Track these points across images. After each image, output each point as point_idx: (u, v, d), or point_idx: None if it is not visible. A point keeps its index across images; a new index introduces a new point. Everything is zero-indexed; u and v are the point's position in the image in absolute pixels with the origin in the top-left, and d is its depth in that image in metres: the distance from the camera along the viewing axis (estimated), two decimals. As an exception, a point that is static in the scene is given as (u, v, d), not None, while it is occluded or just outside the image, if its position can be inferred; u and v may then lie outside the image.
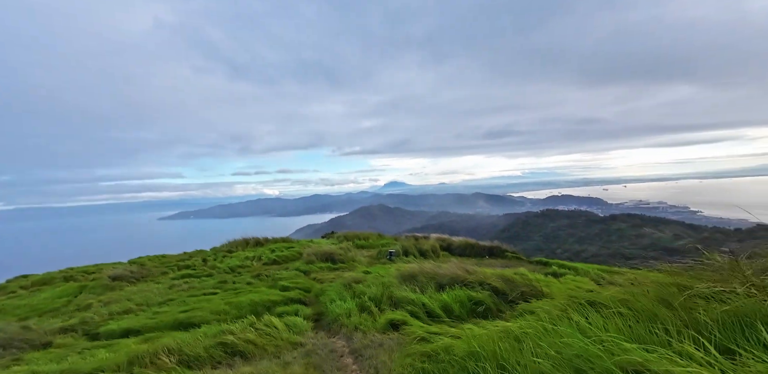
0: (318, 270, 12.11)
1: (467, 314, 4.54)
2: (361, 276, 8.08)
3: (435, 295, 5.10)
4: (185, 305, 8.55)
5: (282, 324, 4.66)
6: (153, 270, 15.71)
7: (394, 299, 5.40)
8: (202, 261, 17.14)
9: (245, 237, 21.28)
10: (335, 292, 6.59)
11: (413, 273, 6.16)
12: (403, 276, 6.25)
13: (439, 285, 5.54)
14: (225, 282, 11.43)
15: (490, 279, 5.11)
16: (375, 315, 5.03)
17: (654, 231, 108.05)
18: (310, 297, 8.12)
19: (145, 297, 10.47)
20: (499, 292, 4.92)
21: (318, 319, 6.13)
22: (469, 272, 5.57)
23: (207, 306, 7.78)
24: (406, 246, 14.39)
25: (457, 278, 5.51)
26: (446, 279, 5.58)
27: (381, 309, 5.25)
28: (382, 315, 4.85)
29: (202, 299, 9.03)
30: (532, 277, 5.29)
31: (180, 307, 8.35)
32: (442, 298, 4.88)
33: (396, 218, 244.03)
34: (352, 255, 13.49)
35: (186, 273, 14.10)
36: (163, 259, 18.90)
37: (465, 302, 4.72)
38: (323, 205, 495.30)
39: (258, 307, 7.27)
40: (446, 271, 5.78)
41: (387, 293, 5.62)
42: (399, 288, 5.64)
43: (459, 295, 4.87)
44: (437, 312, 4.63)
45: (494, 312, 4.58)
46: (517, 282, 5.03)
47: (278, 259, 15.47)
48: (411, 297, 5.05)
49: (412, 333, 3.80)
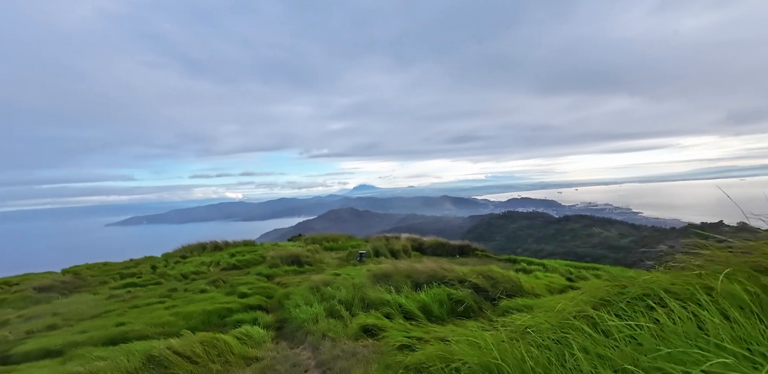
0: (283, 274, 11.25)
1: (447, 314, 4.13)
2: (330, 279, 7.45)
3: (412, 295, 4.64)
4: (122, 317, 7.40)
5: (232, 338, 3.93)
6: (90, 279, 13.86)
7: (367, 301, 4.87)
8: (151, 268, 15.46)
9: (202, 241, 19.65)
10: (300, 296, 5.93)
11: (387, 273, 5.67)
12: (376, 276, 5.73)
13: (415, 285, 5.10)
14: (175, 291, 10.22)
15: (470, 276, 4.75)
16: (346, 320, 4.47)
17: (602, 231, 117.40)
18: (272, 303, 7.35)
19: (75, 310, 9.04)
20: (480, 290, 4.59)
21: (280, 327, 5.43)
22: (446, 269, 5.18)
23: (148, 318, 6.75)
24: (378, 247, 13.89)
25: (434, 276, 5.10)
26: (423, 278, 5.16)
27: (353, 312, 4.70)
28: (354, 320, 4.31)
29: (144, 310, 7.90)
30: (512, 274, 5.02)
31: (116, 320, 7.21)
32: (420, 298, 4.43)
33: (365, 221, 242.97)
34: (320, 257, 12.74)
35: (130, 282, 12.54)
36: (104, 268, 16.84)
37: (445, 301, 4.31)
38: (290, 209, 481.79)
39: (211, 317, 6.40)
40: (423, 269, 5.36)
41: (359, 295, 5.07)
42: (372, 289, 5.13)
43: (438, 294, 4.45)
44: (415, 313, 4.17)
45: (476, 310, 4.22)
46: (497, 279, 4.72)
47: (239, 264, 14.30)
48: (386, 298, 4.55)
49: (389, 339, 3.30)
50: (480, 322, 3.52)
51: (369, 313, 4.35)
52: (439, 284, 4.77)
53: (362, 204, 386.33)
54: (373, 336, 3.73)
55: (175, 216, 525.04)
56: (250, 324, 5.29)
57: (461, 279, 4.74)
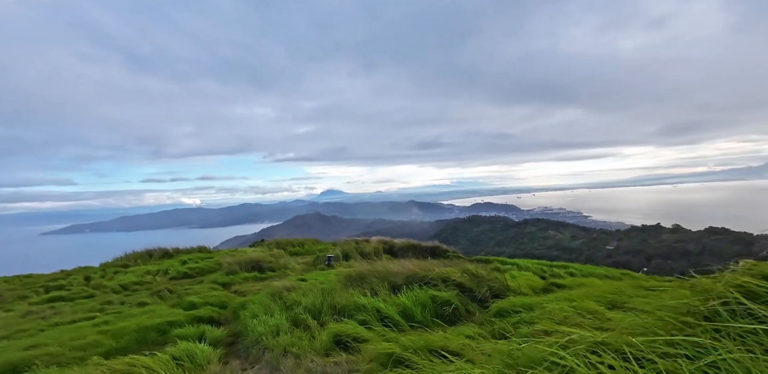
0: (241, 281, 10.15)
1: (432, 318, 3.60)
2: (295, 284, 6.66)
3: (391, 298, 4.06)
4: (35, 338, 6.07)
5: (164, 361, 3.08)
6: (6, 294, 11.71)
7: (338, 307, 4.21)
8: (84, 280, 13.48)
9: (149, 248, 17.66)
10: (259, 305, 5.11)
11: (361, 275, 5.05)
12: (348, 279, 5.09)
13: (393, 287, 4.52)
14: (110, 304, 8.81)
15: (454, 275, 4.26)
16: (314, 331, 3.78)
17: (556, 234, 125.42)
18: (226, 314, 6.40)
19: (-25, 333, 7.38)
20: (465, 290, 4.11)
21: (233, 343, 4.59)
22: (426, 269, 4.67)
23: (68, 339, 5.55)
24: (347, 250, 13.17)
25: (414, 276, 4.57)
26: (401, 279, 4.60)
27: (322, 321, 4.02)
28: (323, 330, 3.63)
29: (66, 329, 6.57)
30: (497, 272, 4.61)
31: (26, 342, 5.88)
32: (401, 301, 3.86)
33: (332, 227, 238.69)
34: (285, 262, 11.76)
35: (55, 296, 10.73)
36: (26, 280, 14.45)
37: (428, 304, 3.77)
38: (253, 215, 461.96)
39: (147, 333, 5.36)
40: (400, 270, 4.81)
41: (329, 300, 4.40)
42: (344, 294, 4.48)
43: (420, 296, 3.91)
44: (395, 319, 3.59)
45: (463, 313, 3.73)
46: (483, 277, 4.28)
47: (191, 272, 12.87)
48: (361, 303, 3.92)
49: (367, 353, 2.69)
50: (471, 327, 3.02)
51: (341, 321, 3.70)
52: (420, 285, 4.24)
53: (329, 210, 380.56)
54: (348, 349, 3.10)
55: (123, 224, 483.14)
56: (195, 340, 4.39)
57: (444, 278, 4.24)
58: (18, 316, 8.65)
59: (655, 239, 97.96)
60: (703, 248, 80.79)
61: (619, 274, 7.88)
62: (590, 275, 7.56)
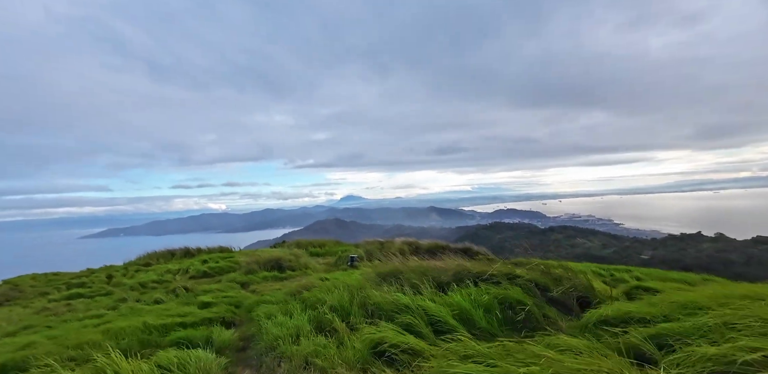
0: (260, 280, 9.50)
1: (500, 325, 2.67)
2: (317, 283, 5.86)
3: (440, 297, 3.16)
4: (38, 336, 5.57)
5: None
6: (29, 291, 11.66)
7: (371, 306, 3.36)
8: (106, 278, 13.34)
9: (171, 248, 17.56)
10: (276, 304, 4.32)
11: (395, 270, 4.19)
12: (380, 275, 4.23)
13: (438, 284, 3.62)
14: (124, 301, 8.34)
15: (520, 272, 3.28)
16: (342, 335, 2.93)
17: (585, 241, 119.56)
18: (240, 314, 5.67)
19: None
20: (542, 289, 3.13)
21: (245, 348, 3.81)
22: (478, 264, 3.74)
23: (70, 337, 4.98)
24: (370, 251, 12.32)
25: (464, 272, 3.65)
26: (448, 275, 3.70)
27: (352, 324, 3.18)
28: (355, 335, 2.79)
29: (73, 326, 6.07)
30: (577, 269, 3.59)
31: (27, 340, 5.37)
32: (454, 301, 2.94)
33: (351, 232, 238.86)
34: (305, 261, 11.05)
35: (74, 293, 10.50)
36: (52, 278, 14.53)
37: (492, 306, 2.84)
38: (275, 220, 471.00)
39: (150, 334, 4.69)
40: (445, 265, 3.91)
41: (359, 298, 3.56)
42: (377, 291, 3.61)
43: (479, 296, 2.97)
44: (451, 324, 2.70)
45: (539, 319, 2.77)
46: (561, 276, 3.28)
47: (210, 271, 12.42)
48: (402, 302, 3.05)
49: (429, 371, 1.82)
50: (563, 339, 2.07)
51: (378, 324, 2.85)
52: (474, 282, 3.32)
53: (349, 215, 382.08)
54: (393, 363, 2.24)
55: (153, 228, 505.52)
56: (200, 344, 3.65)
57: (510, 274, 3.28)
58: (32, 313, 8.35)
59: (694, 248, 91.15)
60: (748, 258, 74.06)
61: (701, 279, 6.56)
62: (665, 280, 6.32)
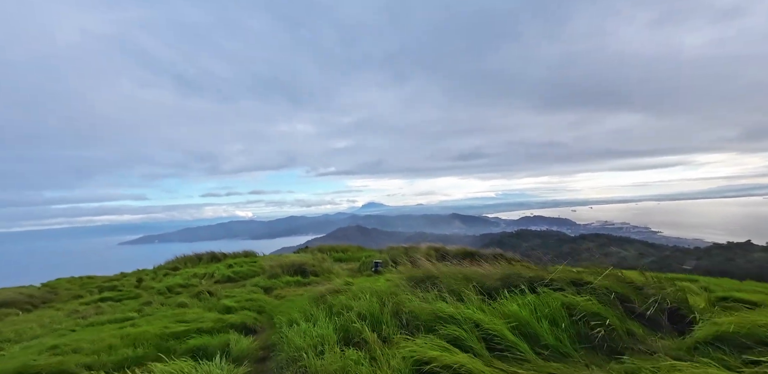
0: (283, 285, 9.23)
1: (572, 342, 2.13)
2: (342, 288, 5.44)
3: (489, 306, 2.64)
4: (62, 339, 5.47)
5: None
6: (63, 293, 12.01)
7: (406, 315, 2.89)
8: (136, 281, 13.59)
9: (198, 252, 17.83)
10: (299, 310, 3.93)
11: (430, 275, 3.70)
12: (412, 279, 3.76)
13: (483, 290, 3.10)
14: (149, 305, 8.28)
15: (589, 277, 2.68)
16: (374, 348, 2.47)
17: (620, 251, 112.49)
18: (262, 320, 5.34)
19: (18, 330, 7.14)
20: (623, 300, 2.50)
21: (264, 358, 3.43)
22: (531, 268, 3.19)
23: (89, 342, 4.81)
24: (395, 256, 11.81)
25: (515, 277, 3.11)
26: (495, 280, 3.16)
27: (384, 335, 2.72)
28: (390, 349, 2.33)
29: (96, 330, 5.96)
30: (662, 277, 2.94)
31: (49, 343, 5.27)
32: (511, 311, 2.41)
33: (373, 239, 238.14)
34: (328, 266, 10.70)
35: (105, 296, 10.66)
36: (86, 281, 15.02)
37: (561, 318, 2.28)
38: (298, 227, 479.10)
39: (168, 340, 4.42)
40: (489, 268, 3.38)
41: (392, 304, 3.09)
42: (412, 297, 3.13)
43: (543, 305, 2.41)
44: (509, 339, 2.18)
45: (623, 337, 2.18)
46: (645, 285, 2.62)
47: (234, 276, 12.35)
48: (446, 311, 2.55)
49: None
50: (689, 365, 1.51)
51: (417, 337, 2.37)
52: (531, 289, 2.77)
53: (370, 223, 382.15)
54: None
55: (185, 235, 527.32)
56: (219, 352, 3.30)
57: (577, 280, 2.68)
58: (63, 315, 8.45)
59: (743, 258, 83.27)
60: (808, 268, 66.48)
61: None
62: (742, 290, 5.41)
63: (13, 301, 10.33)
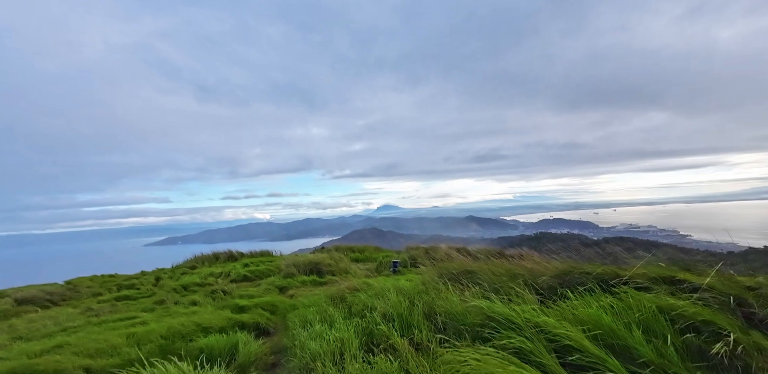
0: (299, 285, 8.83)
1: (682, 360, 1.55)
2: (361, 286, 4.94)
3: (554, 308, 2.07)
4: (70, 338, 5.21)
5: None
6: (84, 291, 12.06)
7: (442, 316, 2.36)
8: (155, 279, 13.58)
9: (216, 251, 17.82)
10: (314, 310, 3.46)
11: (465, 270, 3.15)
12: (444, 275, 3.22)
13: (535, 289, 2.53)
14: (162, 303, 8.05)
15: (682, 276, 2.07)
16: (404, 357, 1.96)
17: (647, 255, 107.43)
18: (275, 320, 4.90)
19: (32, 327, 7.01)
20: (744, 305, 1.89)
21: (276, 364, 2.96)
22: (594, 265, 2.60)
23: (95, 340, 4.50)
24: (415, 256, 11.25)
25: (576, 273, 2.52)
26: (550, 278, 2.59)
27: (417, 341, 2.20)
28: (427, 359, 1.81)
29: (105, 328, 5.70)
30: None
31: (56, 341, 5.01)
32: (589, 315, 1.84)
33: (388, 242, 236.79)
34: (345, 266, 10.25)
35: (123, 295, 10.58)
36: (107, 279, 15.17)
37: (662, 327, 1.68)
38: (315, 229, 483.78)
39: (174, 340, 4.04)
40: (540, 263, 2.80)
41: (424, 304, 2.57)
42: (449, 295, 2.60)
43: (633, 309, 1.83)
44: (591, 353, 1.62)
45: (752, 353, 1.60)
46: (762, 285, 2.00)
47: (250, 275, 12.09)
48: (500, 312, 2.01)
49: None
50: None
51: (460, 344, 1.85)
52: (603, 289, 2.19)
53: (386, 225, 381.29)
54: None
55: (206, 237, 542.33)
56: (223, 356, 2.85)
57: (671, 278, 2.07)
58: (79, 313, 8.34)
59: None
60: None
61: None
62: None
63: (34, 298, 10.39)
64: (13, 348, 5.35)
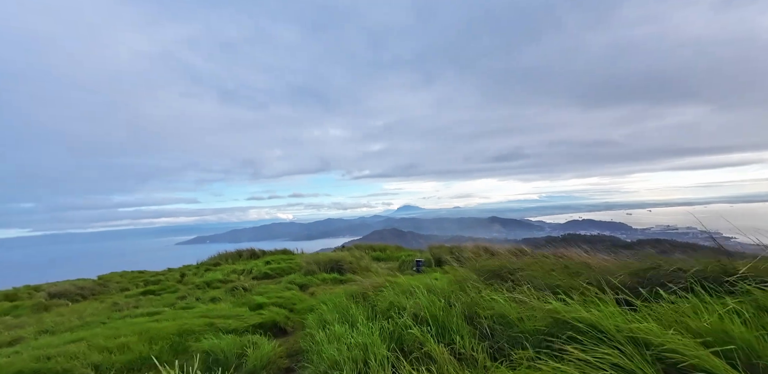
0: (319, 282, 8.55)
1: None
2: (384, 284, 4.50)
3: (644, 313, 1.57)
4: (88, 332, 5.11)
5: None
6: (113, 286, 12.37)
7: (488, 320, 1.90)
8: (180, 276, 13.76)
9: (240, 249, 18.01)
10: (334, 309, 3.06)
11: (511, 267, 2.66)
12: (484, 273, 2.74)
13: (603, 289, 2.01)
14: (183, 299, 7.98)
15: None
16: (447, 370, 1.52)
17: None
18: (293, 318, 4.56)
19: (59, 321, 7.08)
20: None
21: (290, 370, 2.58)
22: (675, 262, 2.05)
23: (108, 337, 4.33)
24: (439, 255, 10.70)
25: (662, 270, 1.99)
26: (626, 276, 2.06)
27: (458, 349, 1.75)
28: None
29: (124, 324, 5.58)
30: None
31: (75, 336, 4.91)
32: (712, 325, 1.33)
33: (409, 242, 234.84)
34: (366, 264, 9.88)
35: (148, 290, 10.70)
36: (136, 275, 15.59)
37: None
38: (335, 230, 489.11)
39: (185, 338, 3.77)
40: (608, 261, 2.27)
41: (463, 304, 2.11)
42: (495, 294, 2.13)
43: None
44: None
45: None
46: None
47: (271, 272, 11.98)
48: (579, 316, 1.53)
49: None
50: None
51: (519, 357, 1.39)
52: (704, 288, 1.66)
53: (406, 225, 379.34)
54: None
55: (232, 236, 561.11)
56: (232, 360, 2.50)
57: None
58: (104, 307, 8.42)
59: None
60: None
61: None
62: None
63: (66, 292, 10.70)
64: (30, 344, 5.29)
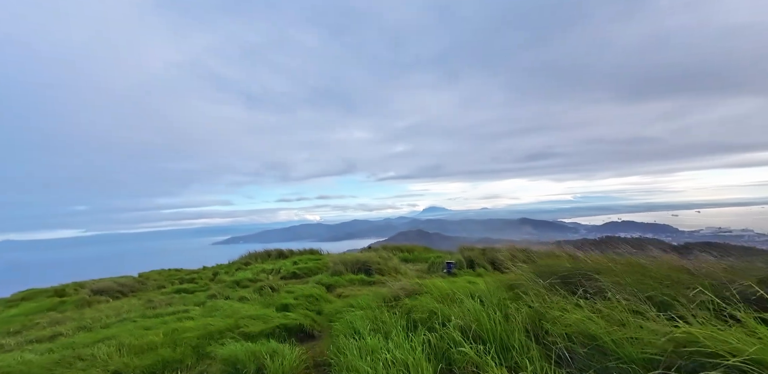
0: (346, 283, 8.28)
1: None
2: (417, 288, 4.10)
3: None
4: (120, 330, 5.11)
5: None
6: (151, 283, 12.84)
7: (561, 341, 1.46)
8: (212, 274, 14.08)
9: (268, 249, 18.27)
10: (363, 315, 2.70)
11: (581, 270, 2.18)
12: (546, 275, 2.27)
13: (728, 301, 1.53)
14: (214, 297, 7.98)
15: None
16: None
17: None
18: (320, 321, 4.26)
19: (97, 317, 7.28)
20: None
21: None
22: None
23: (136, 337, 4.24)
24: (471, 257, 10.10)
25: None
26: (749, 288, 1.56)
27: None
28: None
29: (157, 321, 5.55)
30: None
31: (107, 333, 4.91)
32: None
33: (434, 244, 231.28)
34: (394, 265, 9.50)
35: (181, 288, 10.96)
36: (173, 273, 16.19)
37: None
38: (361, 231, 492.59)
39: (208, 341, 3.56)
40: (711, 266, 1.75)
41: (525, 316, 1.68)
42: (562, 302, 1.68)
43: None
44: None
45: None
46: None
47: (299, 272, 11.92)
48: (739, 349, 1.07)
49: None
50: None
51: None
52: None
53: (432, 227, 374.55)
54: None
55: (263, 237, 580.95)
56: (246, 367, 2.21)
57: None
58: (140, 304, 8.63)
59: None
60: None
61: None
62: None
63: (107, 289, 11.18)
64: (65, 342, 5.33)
